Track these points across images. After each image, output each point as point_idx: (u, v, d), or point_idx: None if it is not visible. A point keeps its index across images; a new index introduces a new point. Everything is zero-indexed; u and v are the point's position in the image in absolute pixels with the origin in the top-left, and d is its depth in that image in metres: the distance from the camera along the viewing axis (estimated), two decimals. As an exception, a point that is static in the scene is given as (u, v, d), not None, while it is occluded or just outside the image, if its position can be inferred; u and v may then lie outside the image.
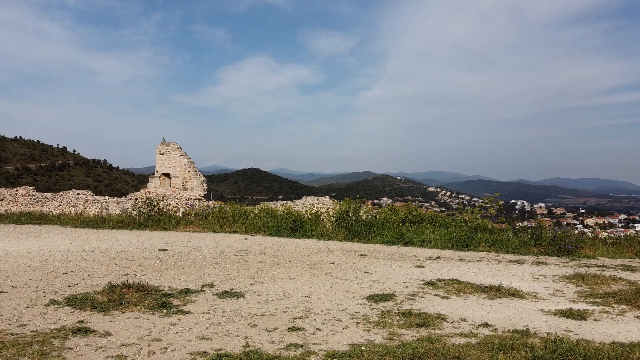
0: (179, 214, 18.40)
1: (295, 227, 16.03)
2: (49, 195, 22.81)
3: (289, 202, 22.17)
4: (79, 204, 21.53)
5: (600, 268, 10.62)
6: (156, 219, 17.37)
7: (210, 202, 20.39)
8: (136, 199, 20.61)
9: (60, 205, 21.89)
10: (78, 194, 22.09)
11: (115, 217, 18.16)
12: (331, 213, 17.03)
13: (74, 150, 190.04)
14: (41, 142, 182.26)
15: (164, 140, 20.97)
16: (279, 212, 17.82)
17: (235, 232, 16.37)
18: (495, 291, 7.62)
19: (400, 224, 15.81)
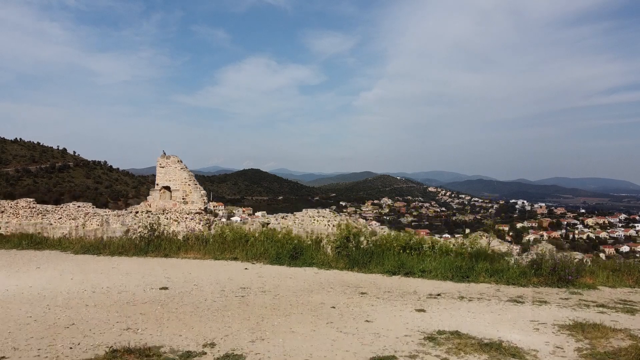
0: (180, 237, 18.44)
1: (296, 254, 16.08)
2: (49, 207, 22.75)
3: (289, 215, 22.15)
4: (80, 217, 21.51)
5: (600, 309, 10.66)
6: (157, 244, 17.41)
7: (209, 215, 20.38)
8: (136, 212, 20.66)
9: (60, 217, 21.87)
10: (78, 206, 22.04)
11: (116, 241, 18.20)
12: (332, 239, 17.09)
13: (74, 152, 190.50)
14: (41, 144, 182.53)
15: (164, 153, 21.02)
16: (279, 235, 17.86)
17: (236, 258, 16.41)
18: (496, 350, 7.64)
19: (401, 251, 15.86)
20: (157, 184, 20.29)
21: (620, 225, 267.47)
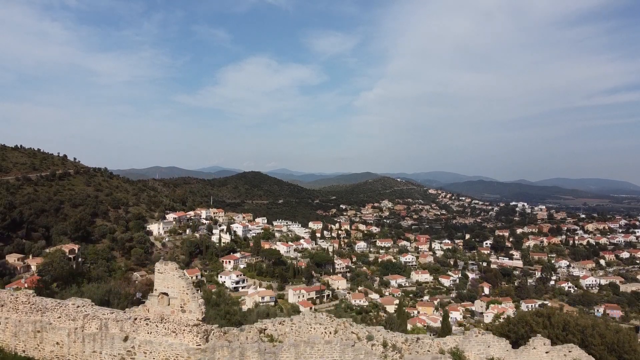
0: None
1: None
2: (49, 303, 22.66)
3: (286, 320, 22.15)
4: (79, 318, 21.52)
5: None
6: None
7: (207, 326, 20.35)
8: (135, 319, 20.68)
9: (60, 317, 21.90)
10: (78, 306, 22.05)
11: None
12: None
13: (75, 158, 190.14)
14: (42, 151, 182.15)
15: (163, 259, 21.07)
16: None
17: None
18: None
19: None
20: (156, 290, 20.31)
21: (620, 230, 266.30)
